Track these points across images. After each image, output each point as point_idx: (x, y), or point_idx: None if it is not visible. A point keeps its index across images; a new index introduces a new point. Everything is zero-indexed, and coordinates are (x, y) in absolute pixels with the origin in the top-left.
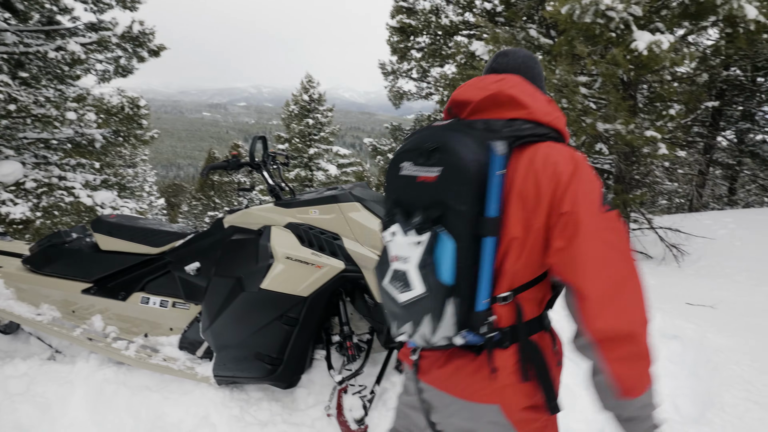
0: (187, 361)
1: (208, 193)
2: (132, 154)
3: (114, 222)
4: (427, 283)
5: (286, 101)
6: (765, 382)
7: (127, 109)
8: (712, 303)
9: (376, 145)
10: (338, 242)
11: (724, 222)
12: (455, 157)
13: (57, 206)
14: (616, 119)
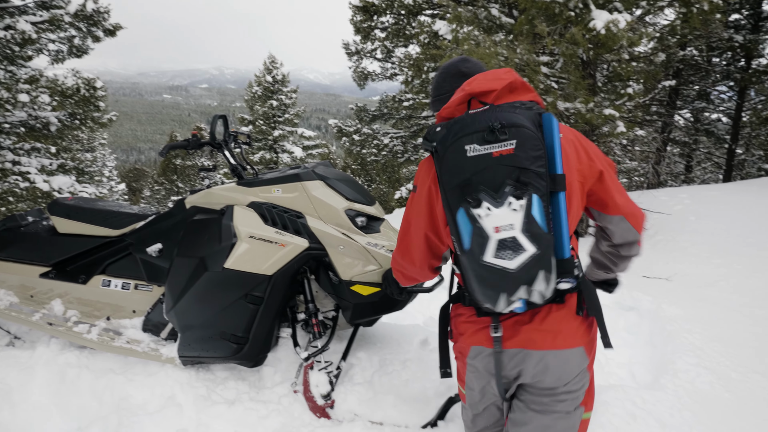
0: (152, 343)
1: (171, 177)
2: (90, 137)
3: (72, 204)
4: (538, 241)
5: (249, 82)
6: (715, 349)
7: (83, 91)
8: (667, 276)
9: (342, 126)
10: (302, 220)
11: (680, 198)
12: (526, 129)
13: (12, 192)
14: (576, 98)
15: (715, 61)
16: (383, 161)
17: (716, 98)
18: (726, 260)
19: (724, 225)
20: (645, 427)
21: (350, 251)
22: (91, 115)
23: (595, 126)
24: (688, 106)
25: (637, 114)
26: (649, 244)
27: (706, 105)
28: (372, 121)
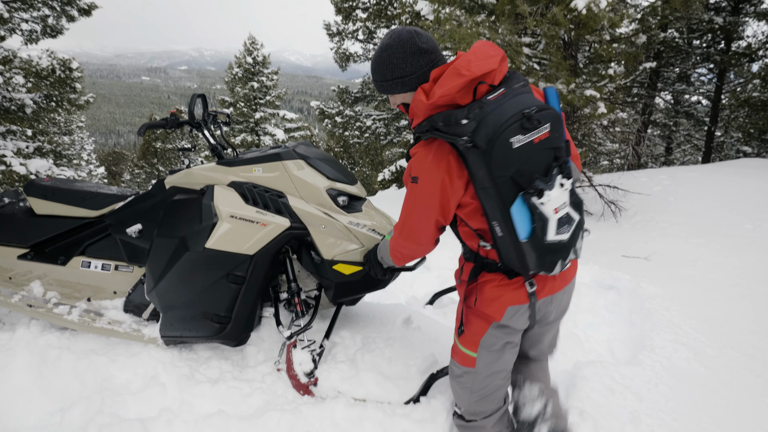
0: (133, 324)
1: (151, 160)
2: (67, 120)
3: (49, 185)
4: (579, 209)
5: (230, 64)
6: (692, 326)
7: (58, 72)
8: (646, 255)
9: (324, 108)
10: (283, 200)
11: (660, 179)
12: (551, 110)
13: None
14: (557, 79)
15: (695, 44)
16: (366, 143)
17: (696, 80)
18: (705, 240)
19: (704, 205)
20: (623, 401)
21: (332, 230)
22: (67, 97)
23: (577, 107)
24: (669, 89)
25: (618, 96)
26: (628, 224)
27: (686, 87)
28: (354, 103)
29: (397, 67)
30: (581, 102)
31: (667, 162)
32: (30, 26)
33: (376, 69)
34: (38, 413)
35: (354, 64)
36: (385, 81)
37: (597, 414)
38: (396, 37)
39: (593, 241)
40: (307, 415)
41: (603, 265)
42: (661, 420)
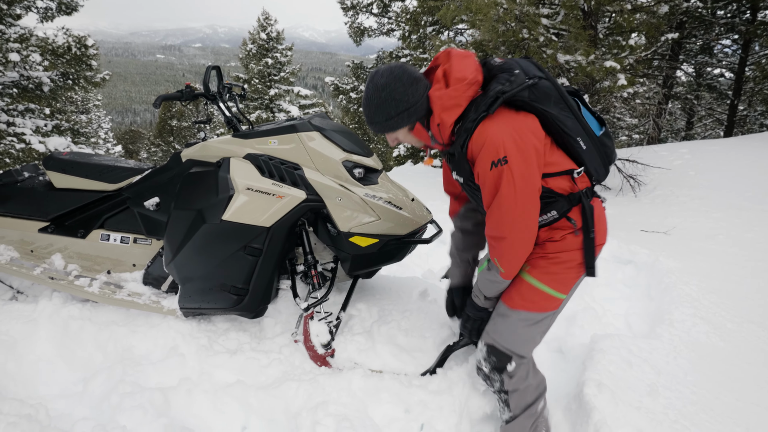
0: (153, 296)
1: (167, 138)
2: (84, 99)
3: (67, 159)
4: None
5: (244, 40)
6: (712, 300)
7: (74, 49)
8: (665, 230)
9: (338, 84)
10: (299, 172)
11: (680, 153)
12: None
13: (8, 153)
14: (576, 50)
15: (719, 14)
16: None
17: (719, 52)
18: (725, 214)
19: (725, 180)
20: (641, 374)
21: (348, 203)
22: (83, 75)
23: (596, 79)
24: (691, 61)
25: (638, 68)
26: (647, 198)
27: (709, 59)
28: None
29: (401, 101)
30: (601, 74)
31: (688, 136)
32: (45, 3)
33: (377, 111)
34: (62, 383)
35: (368, 39)
36: (390, 119)
37: (614, 386)
38: (388, 74)
39: (611, 216)
40: (325, 385)
41: (621, 239)
42: (679, 393)
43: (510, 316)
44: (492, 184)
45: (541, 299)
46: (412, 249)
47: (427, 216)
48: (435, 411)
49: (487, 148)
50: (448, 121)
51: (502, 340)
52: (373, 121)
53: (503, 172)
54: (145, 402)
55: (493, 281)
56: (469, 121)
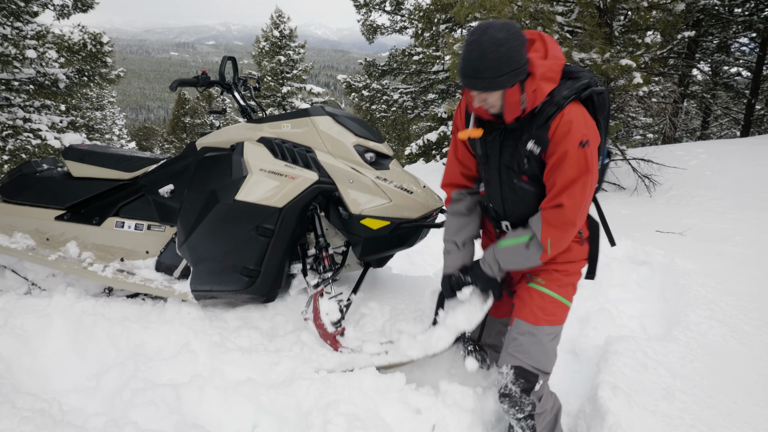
0: (164, 281)
1: (181, 135)
2: (99, 95)
3: (86, 149)
4: None
5: (257, 38)
6: (728, 302)
7: (89, 46)
8: (681, 230)
9: (351, 81)
10: (311, 155)
11: (696, 153)
12: None
13: (24, 149)
14: (591, 48)
15: (737, 11)
16: (393, 117)
17: (737, 50)
18: (742, 215)
19: (742, 180)
20: (656, 377)
21: (360, 185)
22: (98, 71)
23: (611, 78)
24: (707, 59)
25: (654, 66)
26: (663, 199)
27: (726, 57)
28: (381, 76)
29: (514, 60)
30: (616, 72)
31: (704, 136)
32: (62, 1)
33: (490, 66)
34: (75, 377)
35: (381, 37)
36: (501, 75)
37: (629, 389)
38: (506, 30)
39: (625, 216)
40: (336, 384)
41: (636, 240)
42: (695, 396)
43: (536, 334)
44: (577, 162)
45: (561, 311)
46: (424, 235)
47: (438, 202)
48: (447, 411)
49: (576, 126)
50: (546, 90)
51: (530, 360)
52: (480, 75)
53: (584, 153)
54: (157, 398)
55: (529, 258)
56: (562, 98)
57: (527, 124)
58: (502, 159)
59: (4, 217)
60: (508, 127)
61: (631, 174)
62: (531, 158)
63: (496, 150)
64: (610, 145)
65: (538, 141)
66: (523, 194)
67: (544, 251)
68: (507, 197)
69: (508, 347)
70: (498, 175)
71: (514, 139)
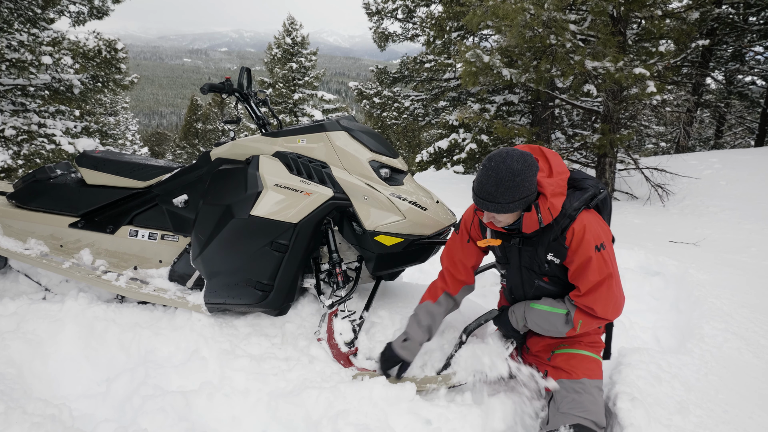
0: (178, 292)
1: (192, 141)
2: (113, 101)
3: (99, 156)
4: None
5: (269, 44)
6: (744, 315)
7: (104, 53)
8: (695, 240)
9: (362, 89)
10: (326, 170)
11: (710, 162)
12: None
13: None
14: (605, 56)
15: (751, 20)
16: (404, 125)
17: (751, 59)
18: (758, 225)
19: (757, 190)
20: (670, 390)
21: (374, 202)
22: (112, 78)
23: (625, 86)
24: (721, 68)
25: (668, 75)
26: (676, 209)
27: (740, 66)
28: (393, 83)
29: (526, 189)
30: (629, 81)
31: (717, 145)
32: (77, 8)
33: (505, 193)
34: (85, 383)
35: (392, 44)
36: (514, 202)
37: (643, 402)
38: (522, 161)
39: (638, 226)
40: (346, 394)
41: (649, 250)
42: (710, 411)
43: (587, 388)
44: (597, 267)
45: (596, 366)
46: (437, 251)
47: (451, 218)
48: (457, 423)
49: (589, 232)
50: (558, 205)
51: (588, 414)
52: (494, 200)
53: (604, 255)
54: (167, 405)
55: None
56: (573, 210)
57: (543, 233)
58: (522, 262)
59: (18, 222)
60: (525, 235)
61: (644, 183)
62: (551, 264)
63: (515, 254)
64: (623, 153)
65: (557, 253)
66: (543, 290)
67: (573, 329)
68: (528, 293)
69: (560, 407)
70: (519, 274)
71: (532, 245)
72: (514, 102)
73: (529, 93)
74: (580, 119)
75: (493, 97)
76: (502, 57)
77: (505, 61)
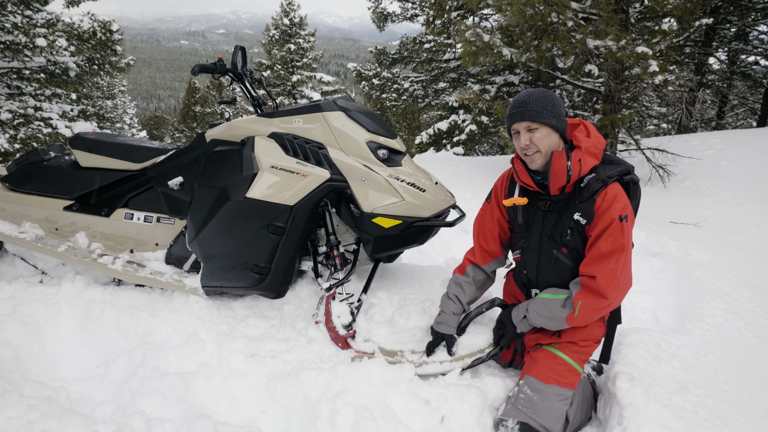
0: (175, 275)
1: (191, 124)
2: (110, 84)
3: (93, 138)
4: None
5: (267, 26)
6: (744, 295)
7: (99, 35)
8: (695, 221)
9: (361, 70)
10: (323, 151)
11: (712, 143)
12: None
13: (35, 138)
14: (607, 35)
15: None
16: (403, 106)
17: (755, 39)
18: (759, 206)
19: (758, 171)
20: (669, 370)
21: (372, 183)
22: (108, 60)
23: (627, 65)
24: (724, 47)
25: (670, 54)
26: (677, 189)
27: (744, 46)
28: (392, 64)
29: (557, 106)
30: (632, 60)
31: (719, 126)
32: None
33: (535, 100)
34: (83, 365)
35: (392, 24)
36: (545, 109)
37: (643, 382)
38: (553, 93)
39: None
40: (344, 375)
41: (649, 231)
42: (710, 390)
43: (545, 391)
44: (613, 234)
45: (572, 375)
46: (435, 232)
47: (450, 199)
48: (456, 403)
49: (619, 200)
50: (590, 163)
51: (538, 417)
52: (528, 106)
53: (623, 227)
54: (165, 387)
55: (557, 317)
56: (607, 176)
57: (572, 197)
58: (544, 229)
59: (12, 206)
60: (553, 198)
61: (645, 164)
62: (575, 229)
63: (539, 220)
64: (624, 134)
65: (584, 214)
66: (559, 265)
67: (572, 313)
68: (543, 266)
69: (517, 402)
70: (538, 244)
71: (558, 211)
72: (515, 83)
73: (529, 73)
74: (581, 100)
75: (493, 77)
76: (503, 36)
77: (506, 41)
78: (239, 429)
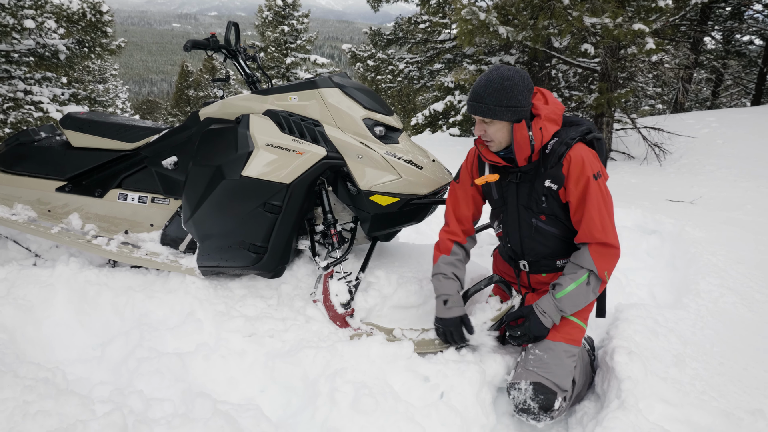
0: (170, 255)
1: (184, 108)
2: (101, 68)
3: (85, 118)
4: None
5: (260, 7)
6: (739, 270)
7: (89, 16)
8: (691, 199)
9: (355, 51)
10: (319, 129)
11: (708, 121)
12: None
13: (26, 122)
14: (603, 12)
15: None
16: (399, 88)
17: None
18: (754, 183)
19: (754, 149)
20: (666, 344)
21: (369, 161)
22: (99, 42)
23: (624, 43)
24: (720, 26)
25: (667, 32)
26: (673, 167)
27: (739, 25)
28: (387, 45)
29: (515, 97)
30: (628, 37)
31: (713, 106)
32: None
33: (491, 93)
34: (80, 347)
35: (386, 5)
36: (500, 106)
37: (640, 356)
38: (515, 72)
39: (635, 185)
40: (343, 353)
41: (645, 209)
42: (706, 363)
43: (555, 349)
44: (596, 192)
45: (577, 332)
46: (433, 210)
47: (447, 177)
48: (455, 379)
49: (587, 161)
50: (551, 129)
51: (550, 375)
52: (482, 101)
53: (599, 183)
54: (163, 367)
55: (592, 293)
56: (570, 138)
57: (540, 165)
58: (520, 200)
59: (3, 187)
60: (522, 170)
61: (641, 143)
62: (549, 196)
63: (513, 192)
64: (620, 113)
65: (554, 179)
66: (541, 233)
67: (603, 282)
68: (525, 236)
69: (526, 363)
70: (517, 215)
71: (529, 181)
72: (511, 63)
73: (525, 53)
74: (576, 81)
75: (489, 58)
76: (499, 14)
77: (502, 19)
78: (238, 407)
